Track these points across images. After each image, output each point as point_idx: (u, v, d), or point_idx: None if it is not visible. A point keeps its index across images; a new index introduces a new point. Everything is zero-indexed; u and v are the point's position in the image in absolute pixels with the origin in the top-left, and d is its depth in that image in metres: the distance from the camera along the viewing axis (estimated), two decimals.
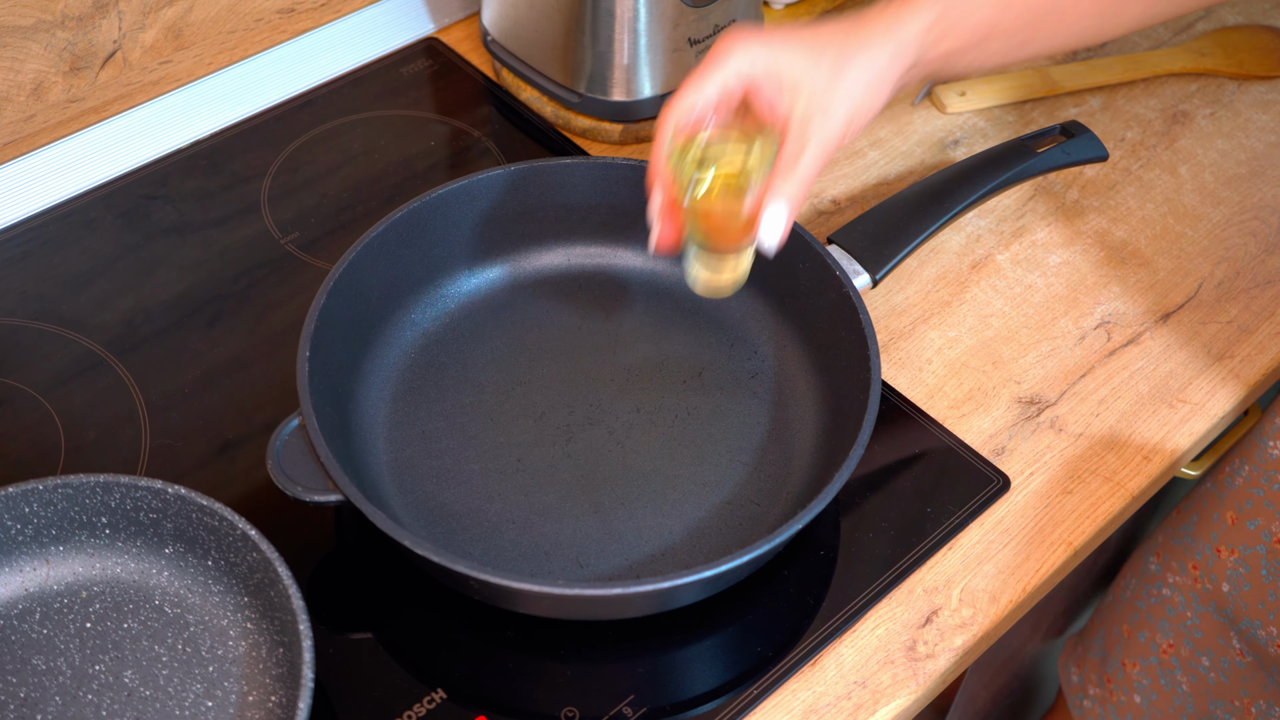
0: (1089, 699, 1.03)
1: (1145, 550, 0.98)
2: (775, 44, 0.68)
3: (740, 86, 0.69)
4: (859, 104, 0.68)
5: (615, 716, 0.69)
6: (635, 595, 0.67)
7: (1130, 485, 0.80)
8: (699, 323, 0.85)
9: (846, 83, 0.68)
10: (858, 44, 0.68)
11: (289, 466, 0.69)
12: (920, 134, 1.01)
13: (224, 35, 1.00)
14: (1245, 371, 0.86)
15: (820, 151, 0.68)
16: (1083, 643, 1.05)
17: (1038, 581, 0.75)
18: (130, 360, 0.83)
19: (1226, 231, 0.94)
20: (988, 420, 0.82)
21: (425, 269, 0.83)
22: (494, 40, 1.00)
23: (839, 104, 0.68)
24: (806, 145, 0.68)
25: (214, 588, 0.70)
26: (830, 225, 0.94)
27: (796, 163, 0.68)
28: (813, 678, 0.71)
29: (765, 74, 0.68)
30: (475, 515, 0.75)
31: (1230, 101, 1.04)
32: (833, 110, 0.68)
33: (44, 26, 0.89)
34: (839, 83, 0.67)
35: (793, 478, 0.77)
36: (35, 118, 0.94)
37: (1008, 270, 0.91)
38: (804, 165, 0.68)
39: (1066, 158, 0.89)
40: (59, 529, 0.70)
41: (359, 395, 0.79)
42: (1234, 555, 0.87)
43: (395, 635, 0.72)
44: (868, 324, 0.75)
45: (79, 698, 0.67)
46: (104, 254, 0.90)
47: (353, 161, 0.97)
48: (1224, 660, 0.90)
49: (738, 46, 0.68)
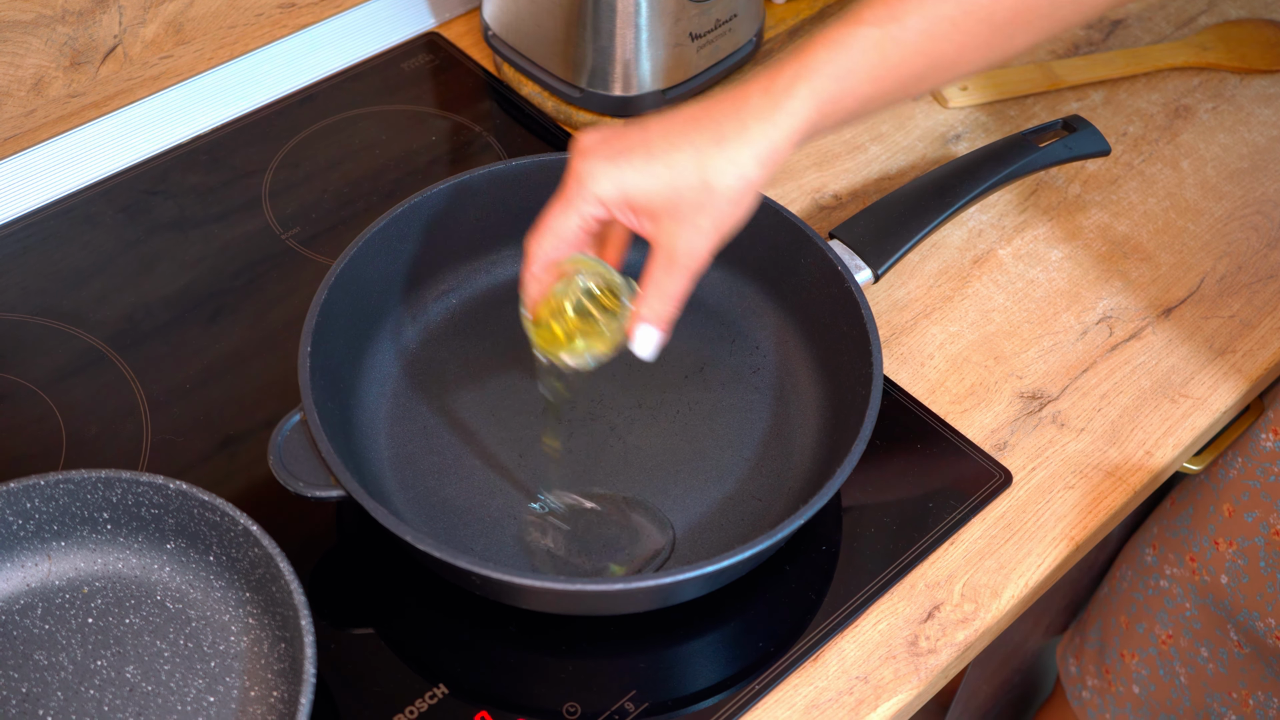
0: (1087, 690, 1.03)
1: (1140, 542, 0.98)
2: (627, 167, 0.64)
3: (601, 213, 0.65)
4: (727, 218, 0.64)
5: (617, 712, 0.69)
6: (637, 590, 0.67)
7: (1132, 480, 0.80)
8: (701, 318, 0.85)
9: (713, 200, 0.63)
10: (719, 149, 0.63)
11: (290, 462, 0.69)
12: (922, 129, 1.01)
13: (224, 30, 1.00)
14: (1247, 366, 0.86)
15: (689, 270, 0.64)
16: (1080, 634, 1.05)
17: (1039, 577, 0.75)
18: (131, 355, 0.83)
19: (1228, 226, 0.94)
20: (989, 415, 0.82)
21: (426, 264, 0.83)
22: (495, 35, 1.00)
23: (705, 223, 0.64)
24: (675, 268, 0.64)
25: (216, 583, 0.70)
26: (832, 220, 0.94)
27: (664, 285, 0.65)
28: (815, 673, 0.71)
29: (621, 203, 0.64)
30: (477, 510, 0.75)
31: (1232, 96, 1.04)
32: (700, 229, 0.64)
33: (44, 21, 0.89)
34: (705, 201, 0.63)
35: (794, 473, 0.77)
36: (36, 113, 0.94)
37: (1009, 265, 0.91)
38: (672, 286, 0.65)
39: (1068, 152, 0.89)
40: (61, 524, 0.70)
41: (360, 390, 0.79)
42: (1232, 548, 0.87)
43: (397, 630, 0.72)
44: (869, 319, 0.75)
45: (81, 693, 0.67)
46: (105, 249, 0.90)
47: (354, 156, 0.97)
48: (1222, 651, 0.91)
49: (590, 176, 0.64)
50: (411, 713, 0.68)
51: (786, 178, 0.96)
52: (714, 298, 0.86)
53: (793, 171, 0.97)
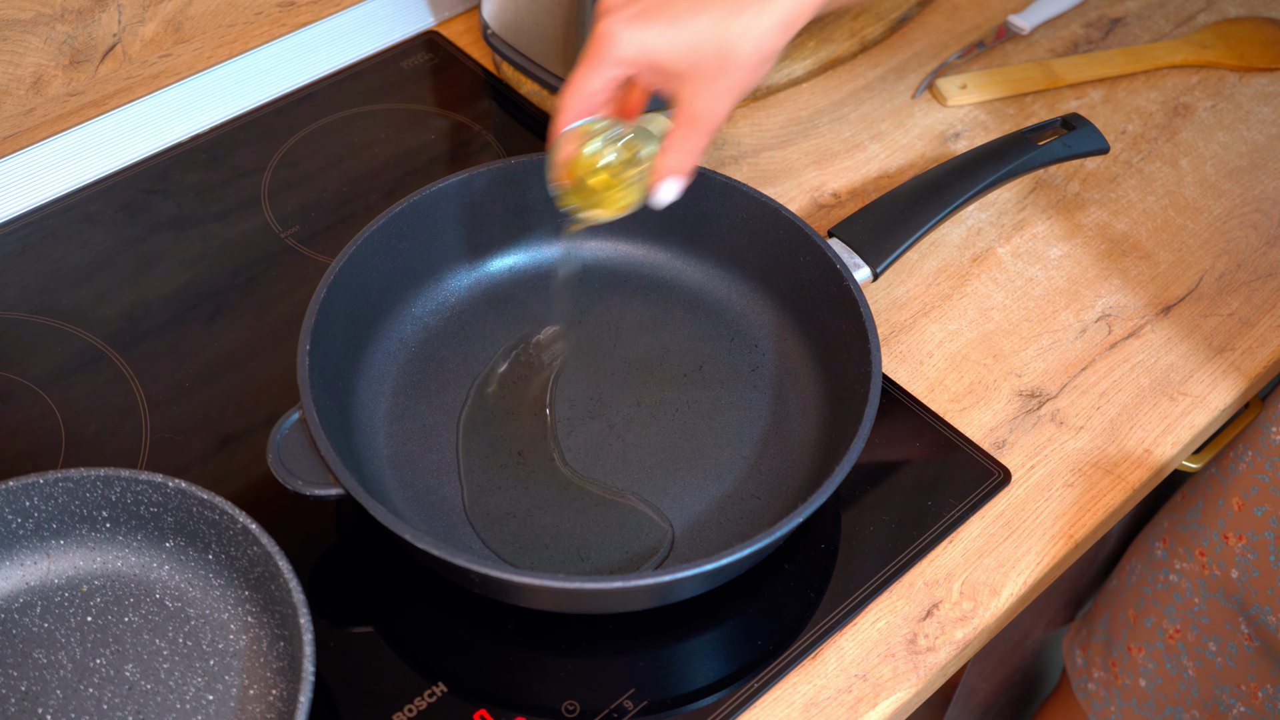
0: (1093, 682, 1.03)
1: (1150, 535, 0.98)
2: (651, 29, 0.66)
3: (625, 73, 0.68)
4: (745, 81, 0.67)
5: (616, 710, 0.69)
6: (636, 589, 0.67)
7: (1131, 478, 0.80)
8: (699, 316, 0.85)
9: (733, 62, 0.66)
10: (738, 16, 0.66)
11: (289, 460, 0.69)
12: (920, 127, 1.01)
13: (224, 29, 1.00)
14: (1246, 364, 0.86)
15: (709, 129, 0.67)
16: (1087, 626, 1.05)
17: (1038, 575, 0.75)
18: (131, 354, 0.83)
19: (1228, 224, 0.94)
20: (988, 413, 0.82)
21: (426, 262, 0.83)
22: (494, 34, 1.00)
23: (724, 85, 0.66)
24: (695, 128, 0.67)
25: (215, 581, 0.70)
26: (831, 219, 0.94)
27: (685, 142, 0.68)
28: (813, 671, 0.71)
29: (644, 63, 0.67)
30: (475, 509, 0.75)
31: (1232, 94, 1.04)
32: (718, 92, 0.67)
33: (43, 20, 0.89)
34: (725, 63, 0.66)
35: (793, 471, 0.77)
36: (35, 111, 0.94)
37: (1008, 263, 0.91)
38: (692, 143, 0.68)
39: (1067, 150, 0.89)
40: (60, 523, 0.70)
41: (359, 389, 0.79)
42: (1242, 542, 0.87)
43: (396, 629, 0.72)
44: (868, 317, 0.75)
45: (80, 691, 0.67)
46: (104, 248, 0.90)
47: (353, 155, 0.97)
48: (1231, 645, 0.91)
49: (615, 37, 0.66)
50: (410, 711, 0.68)
51: (785, 176, 0.96)
52: (713, 296, 0.86)
53: (792, 170, 0.97)
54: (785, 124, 1.01)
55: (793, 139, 0.99)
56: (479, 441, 0.78)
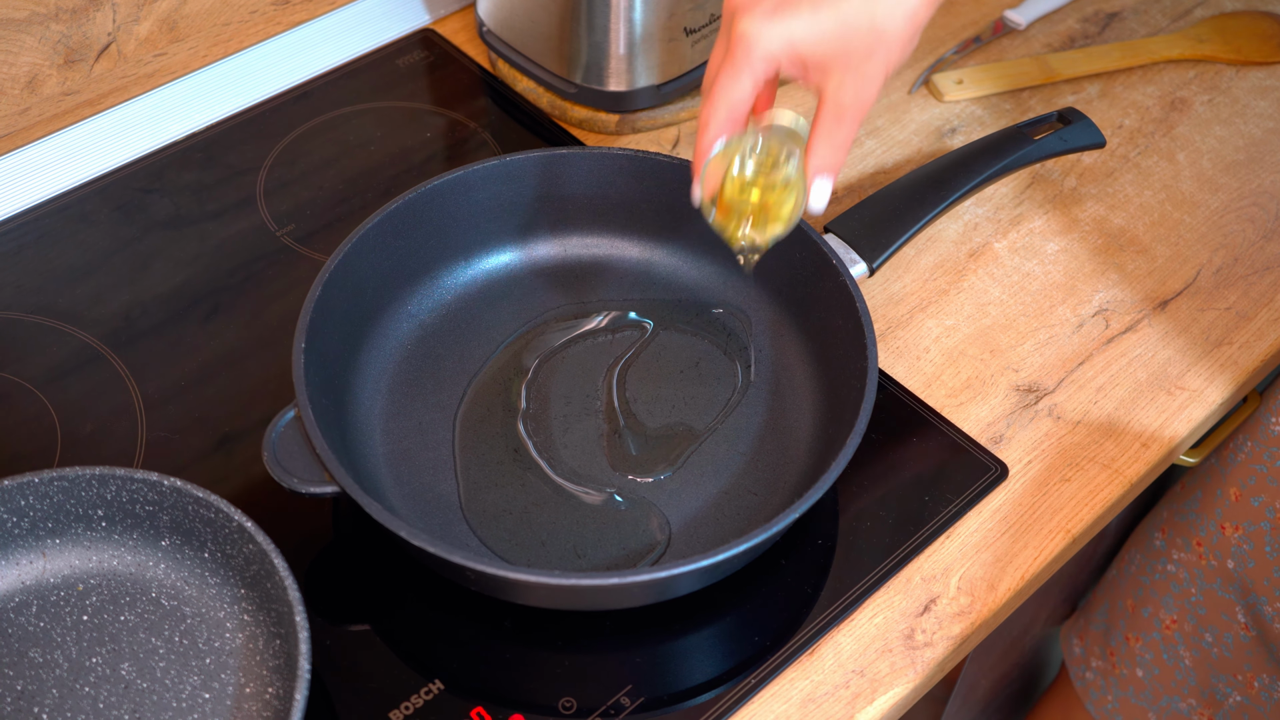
0: (1091, 671, 1.03)
1: (1150, 526, 0.98)
2: (794, 19, 0.64)
3: (771, 72, 0.66)
4: (896, 60, 0.65)
5: (613, 706, 0.68)
6: (633, 585, 0.67)
7: (1128, 472, 0.80)
8: (695, 313, 0.85)
9: (884, 43, 0.64)
10: None
11: (285, 458, 0.69)
12: (917, 122, 1.01)
13: (219, 27, 1.00)
14: (1243, 358, 0.86)
15: (858, 118, 0.66)
16: (1085, 615, 1.05)
17: (1036, 569, 0.75)
18: (127, 353, 0.83)
19: (1225, 218, 0.94)
20: (985, 408, 0.82)
21: (421, 260, 0.83)
22: (490, 31, 1.00)
23: (874, 68, 0.65)
24: (844, 117, 0.65)
25: (211, 580, 0.70)
26: (827, 214, 0.93)
27: (834, 136, 0.66)
28: (811, 667, 0.71)
29: (791, 58, 0.65)
30: (472, 506, 0.75)
31: (1228, 88, 1.04)
32: (869, 77, 0.65)
33: (38, 19, 0.89)
34: (875, 45, 0.64)
35: (790, 467, 0.77)
36: (30, 111, 0.93)
37: (1005, 258, 0.91)
38: (841, 135, 0.66)
39: (1064, 145, 0.89)
40: (55, 522, 0.70)
41: (355, 387, 0.79)
42: (1238, 532, 0.87)
43: (392, 626, 0.72)
44: (864, 313, 0.75)
45: (76, 690, 0.67)
46: (100, 247, 0.89)
47: (349, 154, 0.97)
48: (1228, 635, 0.91)
49: (756, 35, 0.64)
50: (407, 708, 0.68)
51: None
52: (708, 292, 0.86)
53: None
54: None
55: None
56: (475, 439, 0.78)
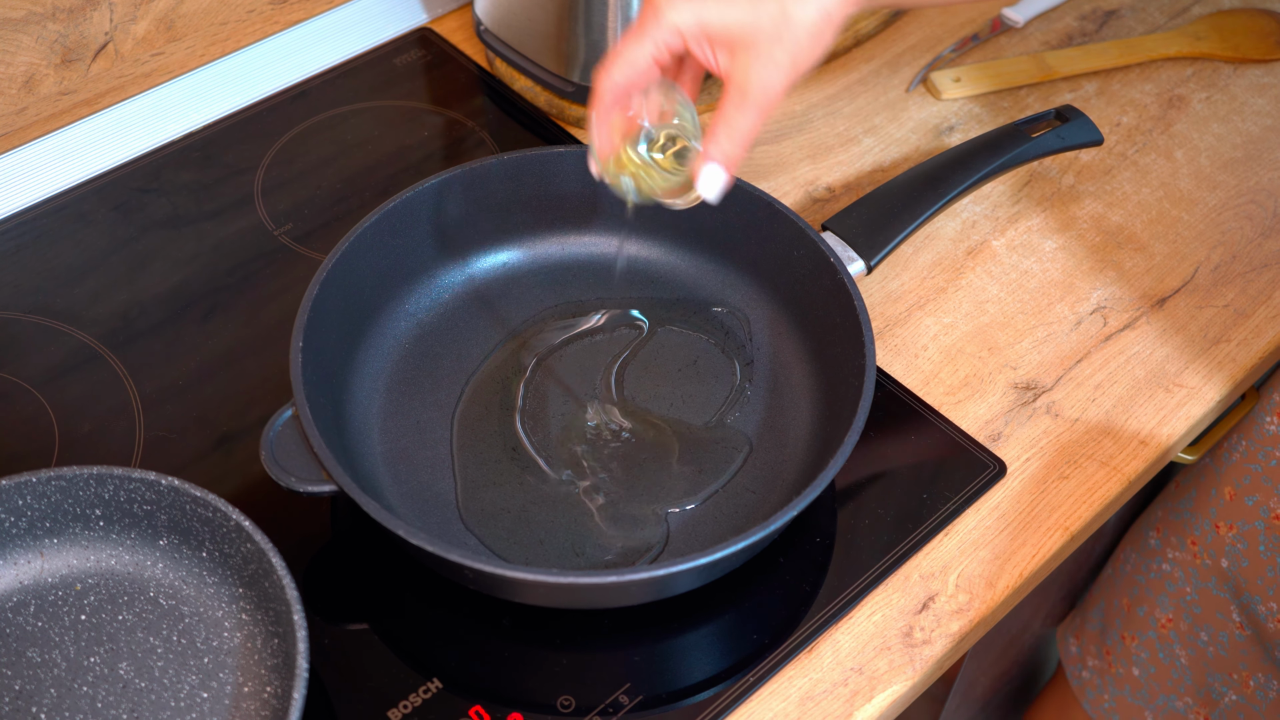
0: (1087, 670, 1.03)
1: (1144, 525, 0.98)
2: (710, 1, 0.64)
3: (677, 43, 0.65)
4: (804, 53, 0.64)
5: (611, 705, 0.68)
6: (631, 583, 0.67)
7: (1126, 470, 0.80)
8: (693, 310, 0.85)
9: (790, 31, 0.63)
10: None
11: (283, 457, 0.69)
12: (915, 120, 1.01)
13: (216, 26, 1.00)
14: (1241, 355, 0.86)
15: (762, 109, 0.65)
16: (1082, 614, 1.05)
17: (1034, 567, 0.75)
18: (124, 353, 0.83)
19: (1222, 216, 0.94)
20: (984, 406, 0.82)
21: (419, 259, 0.83)
22: (487, 30, 1.00)
23: (781, 55, 0.64)
24: (746, 103, 0.64)
25: (209, 579, 0.70)
26: (824, 212, 0.93)
27: (734, 122, 0.65)
28: (809, 665, 0.71)
29: (698, 33, 0.65)
30: (470, 504, 0.75)
31: (1226, 85, 1.04)
32: (775, 62, 0.64)
33: (35, 19, 0.89)
34: (783, 31, 0.63)
35: (788, 465, 0.77)
36: (27, 110, 0.93)
37: (1003, 256, 0.91)
38: (743, 123, 0.65)
39: (1061, 142, 0.89)
40: (53, 521, 0.70)
41: (353, 386, 0.79)
42: (1232, 531, 0.87)
43: (391, 625, 0.72)
44: (862, 311, 0.75)
45: (74, 690, 0.67)
46: (98, 247, 0.89)
47: (346, 153, 0.96)
48: (1223, 634, 0.91)
49: (668, 4, 0.65)
50: (405, 707, 0.68)
51: (779, 170, 0.96)
52: (706, 290, 0.86)
53: (785, 164, 0.97)
54: (779, 118, 1.00)
55: (786, 133, 0.99)
56: (473, 437, 0.78)
